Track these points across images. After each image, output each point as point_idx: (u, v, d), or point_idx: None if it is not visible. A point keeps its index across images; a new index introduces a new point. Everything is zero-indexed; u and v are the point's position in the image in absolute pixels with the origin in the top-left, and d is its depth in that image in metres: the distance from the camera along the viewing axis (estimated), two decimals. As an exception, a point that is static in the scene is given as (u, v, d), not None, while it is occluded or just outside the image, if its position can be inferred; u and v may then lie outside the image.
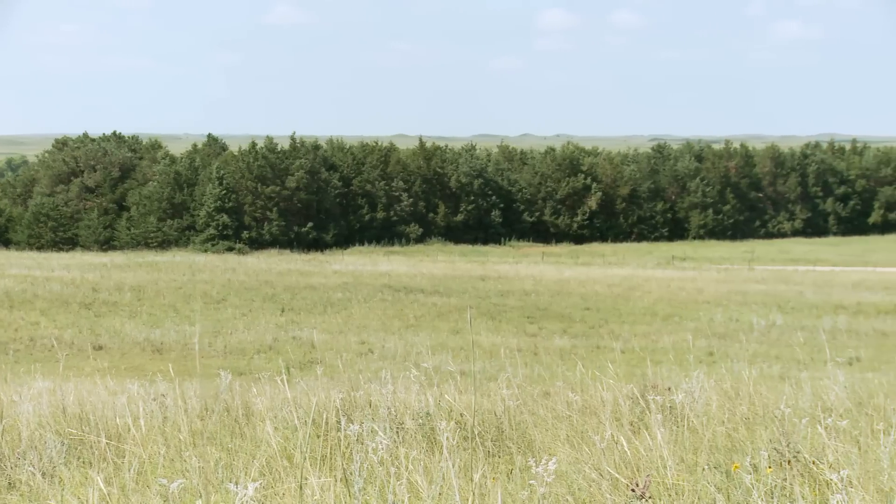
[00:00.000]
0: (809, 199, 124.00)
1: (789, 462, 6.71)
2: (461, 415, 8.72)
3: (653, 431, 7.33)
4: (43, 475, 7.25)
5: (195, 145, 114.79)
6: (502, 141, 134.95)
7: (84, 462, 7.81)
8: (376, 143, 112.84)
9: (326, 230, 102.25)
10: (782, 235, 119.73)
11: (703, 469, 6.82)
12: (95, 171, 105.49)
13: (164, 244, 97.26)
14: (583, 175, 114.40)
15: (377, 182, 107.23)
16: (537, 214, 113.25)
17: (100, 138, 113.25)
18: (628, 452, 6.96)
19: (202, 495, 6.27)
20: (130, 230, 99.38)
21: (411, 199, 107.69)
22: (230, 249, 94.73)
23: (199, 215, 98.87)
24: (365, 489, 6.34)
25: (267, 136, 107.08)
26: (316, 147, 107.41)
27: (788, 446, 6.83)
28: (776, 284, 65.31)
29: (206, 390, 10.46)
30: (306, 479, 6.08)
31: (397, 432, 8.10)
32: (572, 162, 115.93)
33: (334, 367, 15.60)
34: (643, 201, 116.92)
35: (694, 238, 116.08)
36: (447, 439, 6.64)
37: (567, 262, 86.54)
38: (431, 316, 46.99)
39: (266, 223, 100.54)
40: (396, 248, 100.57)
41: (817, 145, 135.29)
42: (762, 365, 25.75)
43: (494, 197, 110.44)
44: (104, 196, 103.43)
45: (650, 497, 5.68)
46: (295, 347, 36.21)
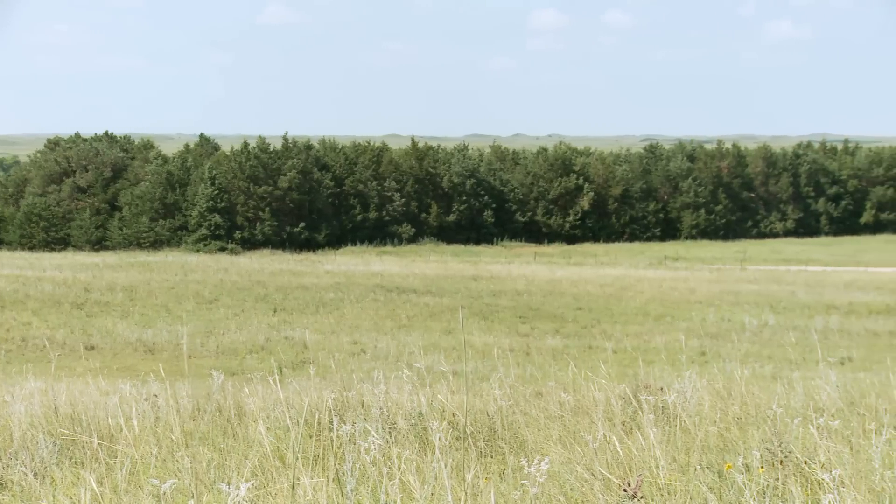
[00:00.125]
0: (801, 199, 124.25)
1: (781, 462, 6.72)
2: (453, 415, 8.72)
3: (645, 431, 7.34)
4: (35, 475, 7.24)
5: (187, 145, 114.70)
6: (494, 141, 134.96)
7: (76, 462, 7.79)
8: (368, 144, 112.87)
9: (318, 230, 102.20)
10: (774, 235, 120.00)
11: (696, 469, 6.83)
12: (87, 172, 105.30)
13: (156, 244, 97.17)
14: (575, 175, 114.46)
15: (369, 182, 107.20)
16: (529, 214, 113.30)
17: (92, 138, 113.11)
18: (620, 452, 6.97)
19: (194, 495, 6.26)
20: (122, 230, 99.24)
21: (403, 200, 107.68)
22: (222, 249, 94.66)
23: (192, 215, 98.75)
24: (357, 489, 6.34)
25: (259, 137, 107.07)
26: (308, 147, 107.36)
27: (780, 446, 6.84)
28: (768, 284, 65.43)
29: (199, 390, 10.44)
30: (298, 480, 6.07)
31: (389, 432, 8.09)
32: (564, 162, 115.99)
33: (326, 368, 15.59)
34: (635, 201, 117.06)
35: (686, 238, 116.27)
36: (439, 439, 6.64)
37: (559, 262, 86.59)
38: (424, 316, 46.97)
39: (258, 223, 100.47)
40: (389, 249, 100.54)
41: (809, 145, 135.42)
42: (754, 365, 25.79)
43: (487, 197, 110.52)
44: (96, 196, 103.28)
45: (642, 497, 5.69)
46: (287, 348, 36.18)
